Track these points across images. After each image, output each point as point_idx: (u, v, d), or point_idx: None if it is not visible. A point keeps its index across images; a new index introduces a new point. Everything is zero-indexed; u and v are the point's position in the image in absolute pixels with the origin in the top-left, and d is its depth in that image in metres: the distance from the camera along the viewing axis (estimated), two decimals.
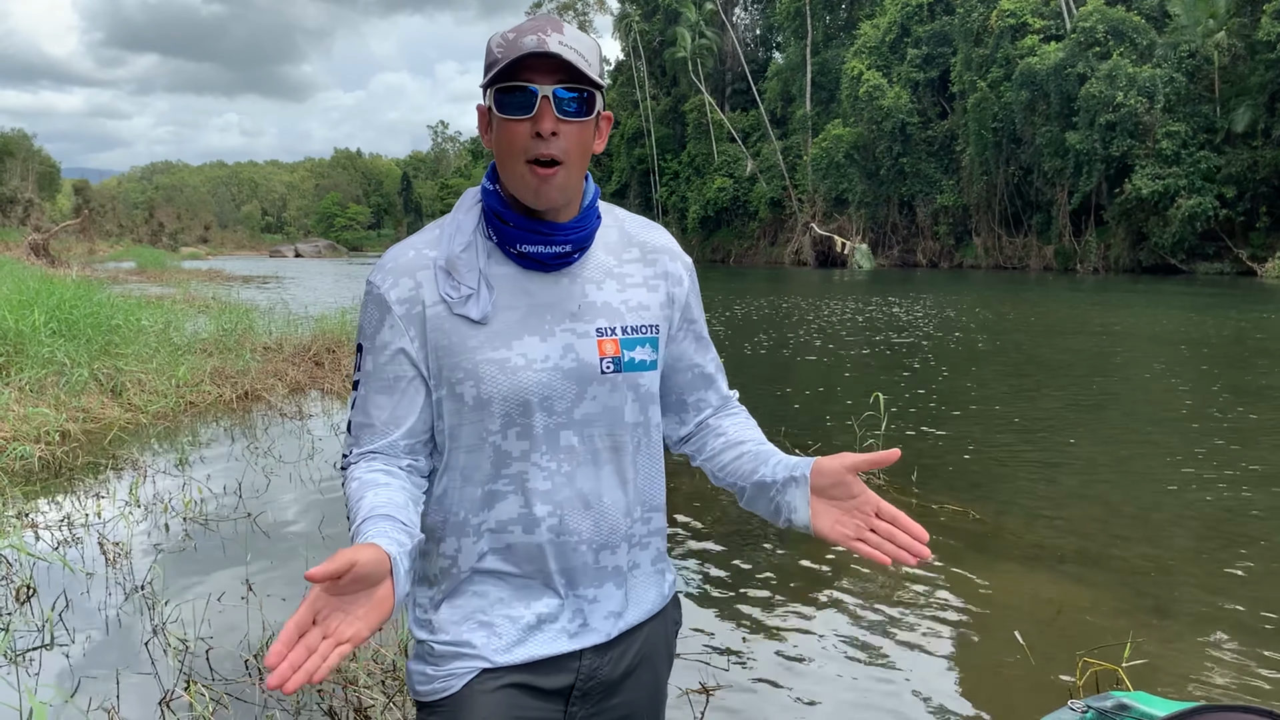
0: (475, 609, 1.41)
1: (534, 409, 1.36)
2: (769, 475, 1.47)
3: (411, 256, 1.38)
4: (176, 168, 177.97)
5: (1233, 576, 4.70)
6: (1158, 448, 7.64)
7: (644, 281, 1.47)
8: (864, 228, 55.55)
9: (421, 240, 1.41)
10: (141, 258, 41.58)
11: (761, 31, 74.63)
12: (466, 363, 1.35)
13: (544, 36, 1.29)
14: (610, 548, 1.43)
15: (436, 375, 1.37)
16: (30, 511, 5.46)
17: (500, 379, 1.34)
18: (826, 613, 4.27)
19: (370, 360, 1.39)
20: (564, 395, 1.38)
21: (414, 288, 1.36)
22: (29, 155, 75.25)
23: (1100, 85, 40.59)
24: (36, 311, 9.68)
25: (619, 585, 1.46)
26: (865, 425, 7.07)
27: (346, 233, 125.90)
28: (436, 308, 1.35)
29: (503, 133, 1.32)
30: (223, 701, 3.22)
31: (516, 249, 1.37)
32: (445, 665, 1.40)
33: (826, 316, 20.59)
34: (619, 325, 1.42)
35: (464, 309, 1.34)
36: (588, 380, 1.39)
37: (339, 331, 12.33)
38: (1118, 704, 1.88)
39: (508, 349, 1.35)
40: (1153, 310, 21.77)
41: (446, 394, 1.37)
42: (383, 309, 1.37)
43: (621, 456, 1.44)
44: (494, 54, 1.32)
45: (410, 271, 1.37)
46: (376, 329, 1.38)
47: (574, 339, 1.38)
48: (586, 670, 1.44)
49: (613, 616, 1.46)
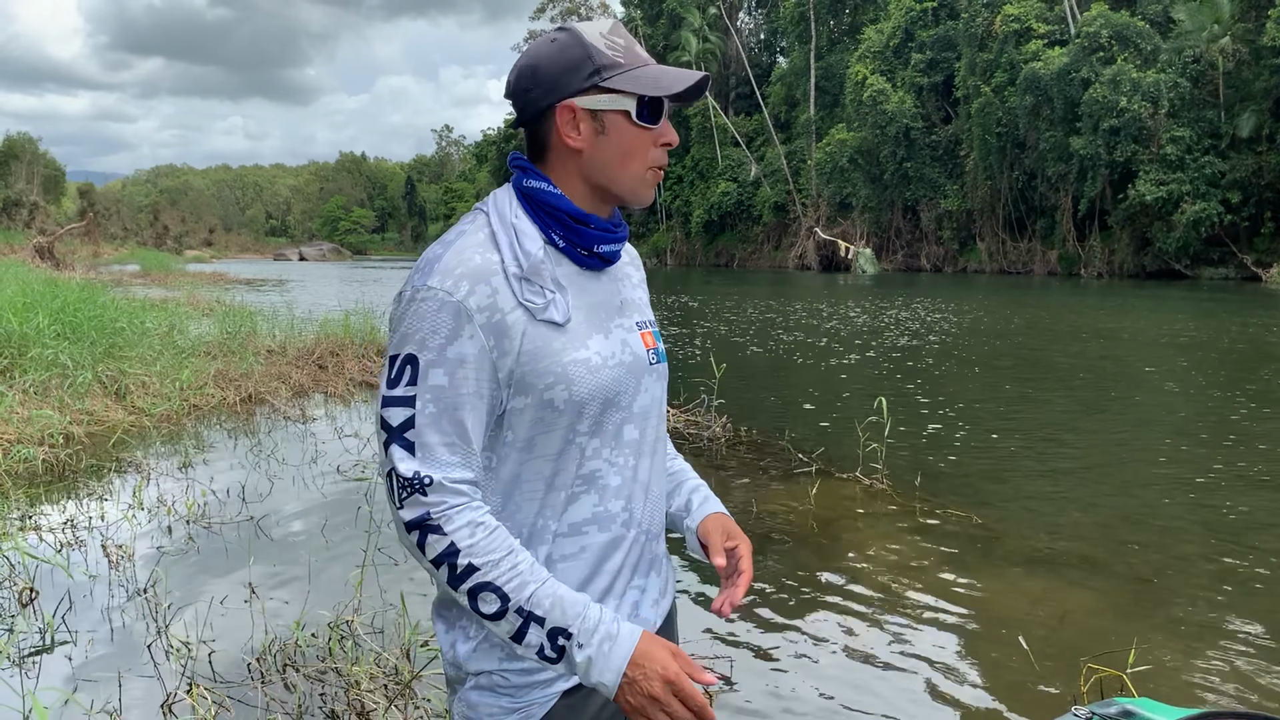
0: None
1: (610, 406, 1.37)
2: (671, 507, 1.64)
3: (479, 262, 1.30)
4: (181, 171, 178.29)
5: (1239, 583, 4.68)
6: (1163, 453, 7.62)
7: (640, 282, 1.55)
8: (868, 232, 55.48)
9: (474, 245, 1.32)
10: (146, 261, 41.64)
11: (765, 36, 74.70)
12: (555, 366, 1.31)
13: (652, 57, 1.37)
14: (657, 536, 1.49)
15: (519, 383, 1.31)
16: (33, 514, 5.46)
17: (588, 379, 1.34)
18: (828, 616, 4.26)
19: (440, 374, 1.27)
20: (628, 389, 1.40)
21: (490, 295, 1.28)
22: (34, 158, 75.49)
23: (1104, 90, 40.53)
24: (41, 314, 9.69)
25: (658, 571, 1.51)
26: (869, 429, 7.06)
27: (351, 236, 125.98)
28: (516, 313, 1.29)
29: (634, 138, 1.35)
30: (225, 705, 3.22)
31: (593, 250, 1.38)
32: (523, 696, 1.34)
33: (830, 320, 20.57)
34: (647, 319, 1.49)
35: (547, 314, 1.31)
36: (641, 373, 1.43)
37: (343, 335, 12.35)
38: (1122, 710, 1.87)
39: (585, 349, 1.35)
40: (1157, 315, 21.73)
41: (532, 402, 1.31)
42: (460, 318, 1.27)
43: (659, 445, 1.50)
44: (605, 56, 1.33)
45: (484, 278, 1.29)
46: (450, 339, 1.27)
47: (625, 334, 1.42)
48: None
49: (656, 604, 1.50)
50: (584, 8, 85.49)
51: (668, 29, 70.15)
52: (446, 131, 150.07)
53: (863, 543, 5.34)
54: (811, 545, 5.26)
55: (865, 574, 4.81)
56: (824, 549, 5.19)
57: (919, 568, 4.89)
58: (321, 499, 6.00)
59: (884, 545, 5.27)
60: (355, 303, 17.98)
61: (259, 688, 3.34)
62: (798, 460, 7.00)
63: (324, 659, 3.54)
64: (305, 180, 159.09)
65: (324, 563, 4.75)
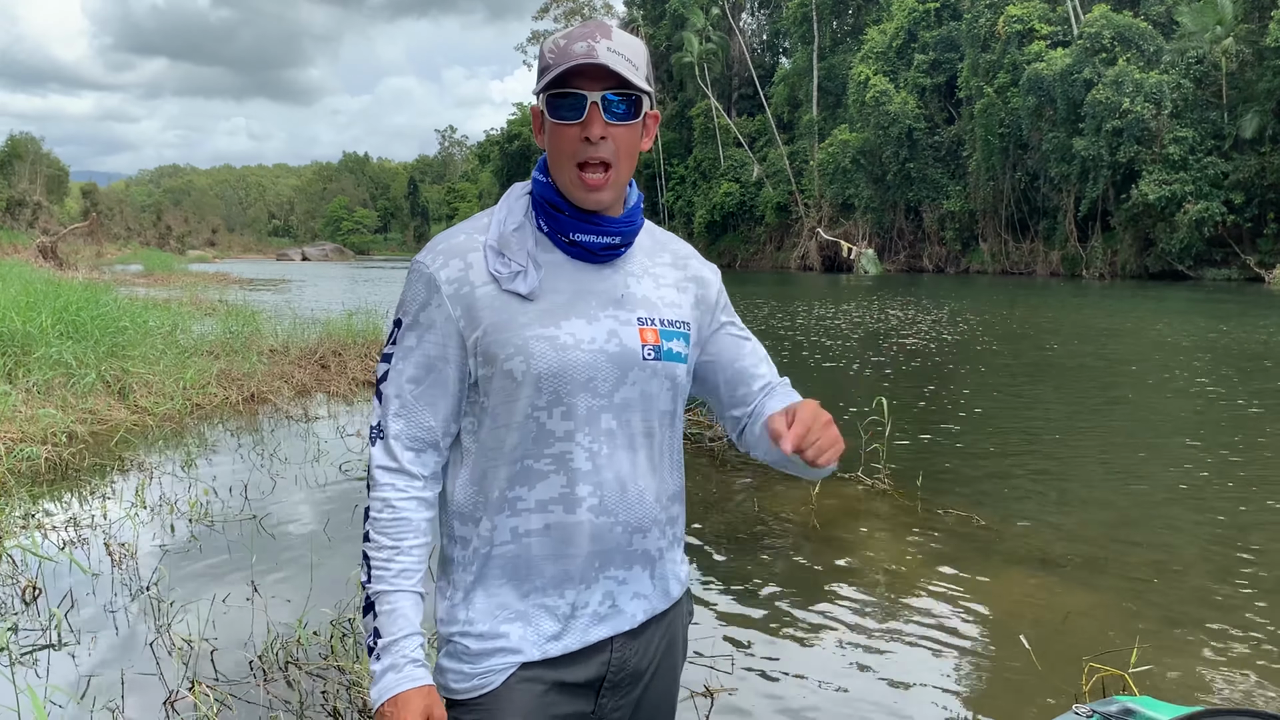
0: (509, 599, 1.43)
1: (579, 388, 1.40)
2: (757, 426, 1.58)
3: (462, 240, 1.43)
4: (184, 171, 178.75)
5: (1240, 583, 4.68)
6: (1165, 453, 7.62)
7: (675, 283, 1.54)
8: (870, 233, 55.46)
9: (471, 226, 1.46)
10: (149, 261, 41.69)
11: (768, 36, 74.66)
12: (517, 339, 1.38)
13: (593, 44, 1.35)
14: (642, 531, 1.47)
15: (484, 353, 1.39)
16: (37, 512, 5.48)
17: (550, 355, 1.38)
18: (832, 616, 4.26)
19: (412, 336, 1.42)
20: (607, 378, 1.42)
21: (463, 269, 1.40)
22: (37, 158, 75.62)
23: (1107, 91, 40.50)
24: (44, 314, 9.71)
25: (645, 568, 1.50)
26: (870, 429, 7.06)
27: (354, 236, 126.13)
28: (486, 287, 1.39)
29: (554, 136, 1.39)
30: (227, 702, 3.22)
31: (569, 237, 1.42)
32: (482, 662, 1.41)
33: (833, 321, 20.57)
34: (658, 317, 1.48)
35: (513, 285, 1.39)
36: (630, 365, 1.43)
37: (345, 335, 12.36)
38: (1123, 709, 1.87)
39: (556, 327, 1.39)
40: (1159, 316, 21.71)
41: (495, 371, 1.39)
42: (430, 288, 1.40)
43: (653, 443, 1.49)
44: (546, 59, 1.38)
45: (461, 253, 1.41)
46: (422, 307, 1.41)
47: (617, 325, 1.43)
48: (617, 661, 1.47)
49: (640, 599, 1.50)
50: (587, 8, 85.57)
51: (670, 29, 70.17)
52: (450, 132, 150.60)
53: (864, 543, 5.34)
54: (813, 545, 5.26)
55: (867, 574, 4.81)
56: (826, 549, 5.20)
57: (921, 568, 4.89)
58: (324, 497, 6.01)
59: (886, 545, 5.27)
60: (358, 302, 18.00)
61: (261, 685, 3.35)
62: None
63: (326, 656, 3.55)
64: (308, 181, 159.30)
65: (326, 560, 4.76)
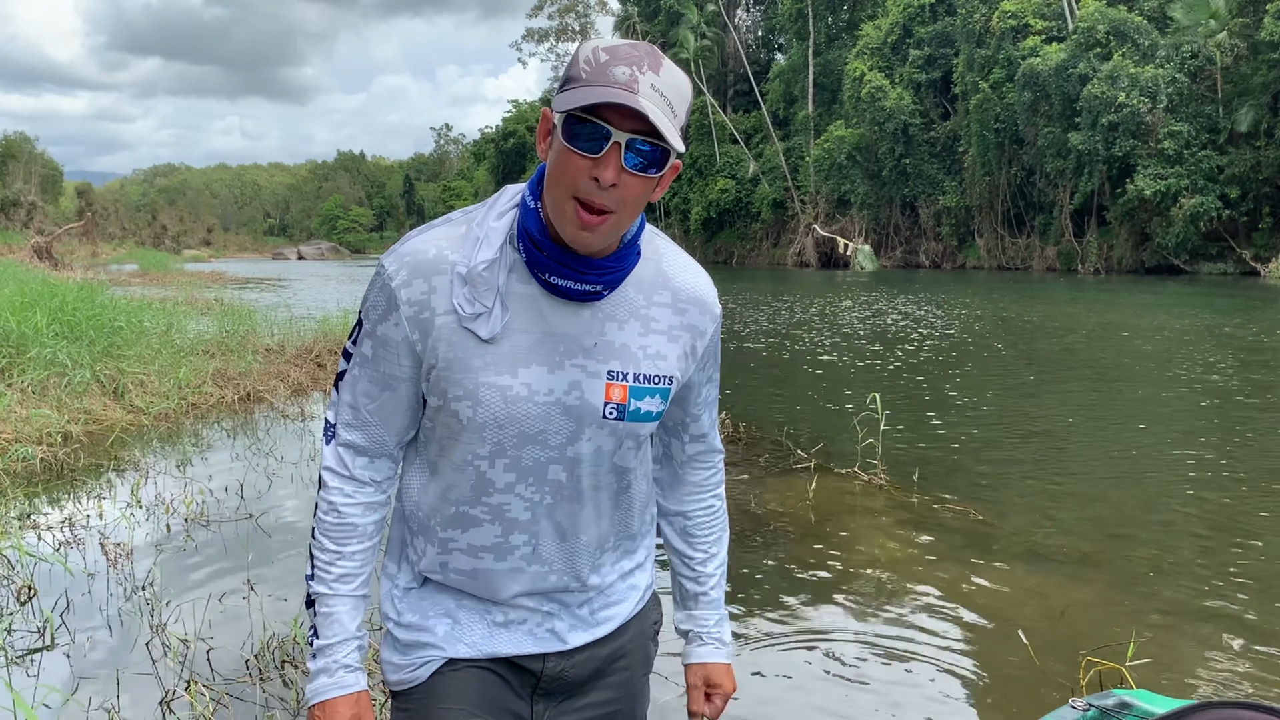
0: (441, 599, 1.42)
1: (528, 441, 1.31)
2: (676, 621, 1.66)
3: (432, 256, 1.29)
4: (179, 170, 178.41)
5: (1237, 576, 4.69)
6: (1161, 447, 7.63)
7: (667, 330, 1.37)
8: (866, 229, 55.48)
9: (445, 238, 1.30)
10: (144, 260, 41.60)
11: (764, 33, 74.61)
12: (468, 381, 1.28)
13: (637, 74, 1.16)
14: (578, 575, 1.41)
15: (435, 386, 1.31)
16: (32, 512, 5.46)
17: (497, 405, 1.28)
18: (828, 613, 4.26)
19: (369, 346, 1.34)
20: (560, 431, 1.31)
21: (426, 292, 1.28)
22: (31, 158, 75.41)
23: (1102, 86, 40.52)
24: (39, 313, 9.68)
25: (584, 605, 1.45)
26: (867, 424, 7.06)
27: (349, 235, 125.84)
28: (446, 318, 1.28)
29: (561, 159, 1.20)
30: (223, 701, 3.22)
31: (544, 277, 1.28)
32: (411, 654, 1.41)
33: (829, 317, 20.58)
34: (632, 371, 1.33)
35: (473, 324, 1.27)
36: (587, 422, 1.32)
37: (341, 333, 12.34)
38: (1119, 702, 1.87)
39: (512, 375, 1.28)
40: (1155, 310, 21.74)
41: (444, 406, 1.31)
42: (390, 304, 1.30)
43: (601, 494, 1.40)
44: (580, 70, 1.18)
45: (426, 274, 1.28)
46: (381, 319, 1.32)
47: (583, 376, 1.31)
48: (551, 671, 1.43)
49: (579, 628, 1.45)
50: (580, 5, 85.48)
51: (665, 26, 70.08)
52: (446, 130, 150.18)
53: (861, 538, 5.34)
54: (810, 540, 5.26)
55: (864, 569, 4.81)
56: (822, 544, 5.20)
57: (917, 563, 4.89)
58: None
59: (882, 540, 5.27)
60: (354, 301, 17.97)
61: (257, 685, 3.35)
62: (796, 456, 7.00)
63: None
64: (303, 179, 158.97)
65: None
